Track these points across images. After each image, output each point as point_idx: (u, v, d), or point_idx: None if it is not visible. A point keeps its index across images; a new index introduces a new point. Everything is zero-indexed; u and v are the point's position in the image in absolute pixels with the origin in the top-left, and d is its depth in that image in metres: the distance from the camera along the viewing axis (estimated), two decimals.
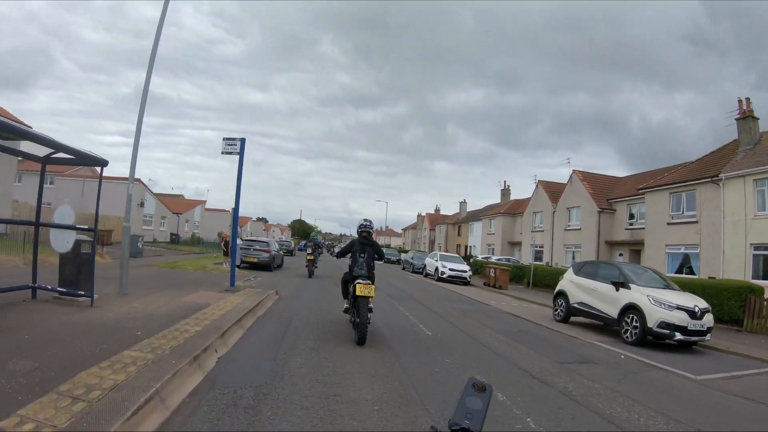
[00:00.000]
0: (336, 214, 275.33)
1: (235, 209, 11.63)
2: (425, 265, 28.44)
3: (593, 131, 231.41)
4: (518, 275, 27.27)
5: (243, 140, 10.84)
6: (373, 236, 7.52)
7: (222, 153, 10.78)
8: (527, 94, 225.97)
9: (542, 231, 35.40)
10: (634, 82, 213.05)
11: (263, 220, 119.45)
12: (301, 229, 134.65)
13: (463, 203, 58.49)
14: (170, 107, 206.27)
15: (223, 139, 10.91)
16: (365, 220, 7.35)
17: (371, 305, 6.64)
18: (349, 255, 7.07)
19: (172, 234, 36.45)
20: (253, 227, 76.00)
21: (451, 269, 25.01)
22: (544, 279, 23.62)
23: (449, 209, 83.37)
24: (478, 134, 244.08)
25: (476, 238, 50.76)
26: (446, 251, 57.23)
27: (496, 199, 55.95)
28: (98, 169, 7.06)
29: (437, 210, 71.27)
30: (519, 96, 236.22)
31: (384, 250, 10.57)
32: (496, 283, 23.16)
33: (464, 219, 56.25)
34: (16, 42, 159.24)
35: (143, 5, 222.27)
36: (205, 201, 54.59)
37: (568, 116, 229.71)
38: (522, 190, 47.76)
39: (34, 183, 8.51)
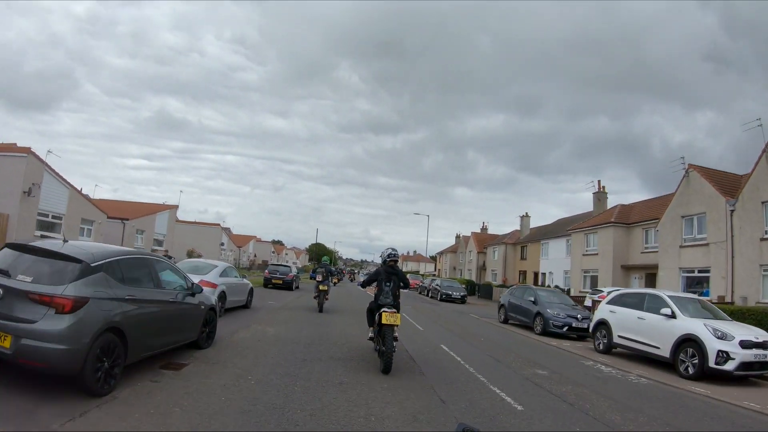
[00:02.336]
0: (357, 240, 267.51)
1: None
2: (540, 312, 14.01)
3: (614, 155, 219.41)
4: None
5: None
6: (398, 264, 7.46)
7: None
8: (547, 119, 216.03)
9: (704, 245, 20.82)
10: (654, 105, 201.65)
11: (278, 242, 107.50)
12: (319, 254, 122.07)
13: (525, 217, 44.17)
14: (192, 132, 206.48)
15: None
16: (391, 249, 7.25)
17: (396, 334, 6.60)
18: (375, 284, 7.09)
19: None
20: (259, 249, 63.40)
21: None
22: None
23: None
24: (499, 160, 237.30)
25: (552, 263, 36.20)
26: (505, 280, 42.74)
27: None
28: None
29: (484, 228, 56.97)
30: (539, 121, 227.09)
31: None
32: None
33: (530, 237, 41.81)
34: (41, 65, 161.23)
35: (166, 33, 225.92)
36: (177, 206, 35.77)
37: (588, 140, 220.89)
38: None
39: None
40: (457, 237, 68.32)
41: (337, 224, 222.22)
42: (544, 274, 37.51)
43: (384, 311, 6.44)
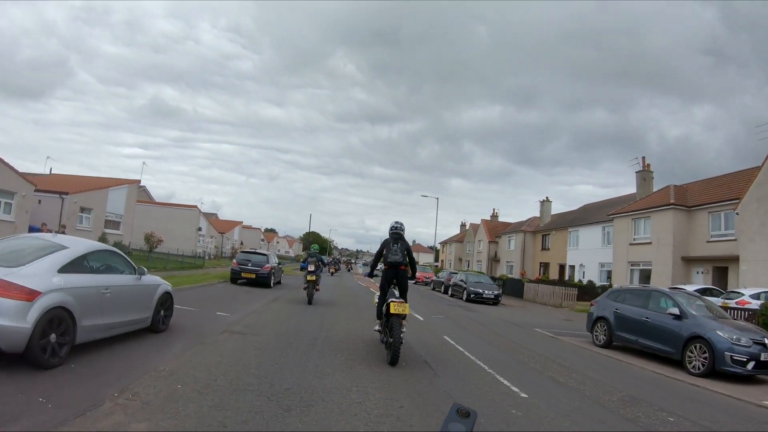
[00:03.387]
0: (353, 230, 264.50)
1: None
2: (699, 335, 8.18)
3: (611, 148, 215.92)
4: None
5: None
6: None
7: None
8: (544, 110, 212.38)
9: None
10: (652, 98, 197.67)
11: (271, 230, 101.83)
12: (314, 243, 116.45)
13: (545, 202, 38.88)
14: (188, 121, 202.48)
15: None
16: (397, 221, 6.95)
17: (404, 329, 6.17)
18: (381, 258, 6.82)
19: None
20: (246, 236, 57.78)
21: None
22: None
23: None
24: (495, 151, 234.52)
25: (584, 254, 31.00)
26: (523, 273, 37.57)
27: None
28: None
29: (495, 216, 51.67)
30: (535, 113, 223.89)
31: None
32: None
33: (552, 225, 36.56)
34: (35, 53, 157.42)
35: (161, 21, 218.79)
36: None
37: (585, 133, 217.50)
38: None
39: None
40: (463, 225, 63.16)
41: (333, 214, 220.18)
42: (572, 267, 32.34)
43: (392, 301, 6.13)
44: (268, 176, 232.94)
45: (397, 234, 6.78)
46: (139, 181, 26.34)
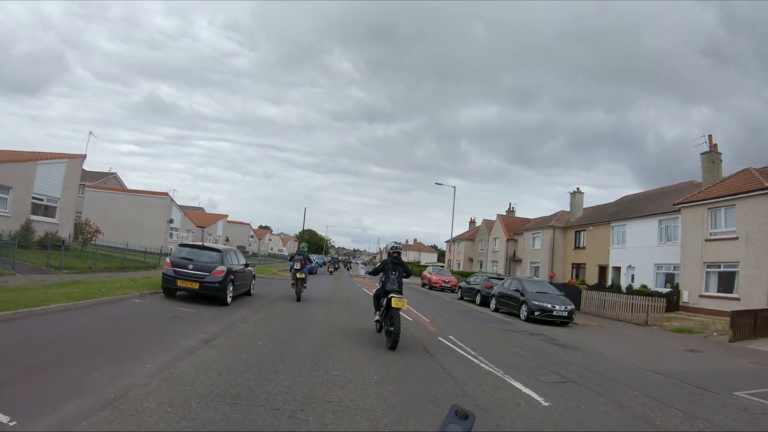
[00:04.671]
0: (350, 229, 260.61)
1: None
2: None
3: (608, 149, 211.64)
4: None
5: None
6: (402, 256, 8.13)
7: None
8: (541, 110, 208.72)
9: None
10: (649, 98, 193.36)
11: (265, 227, 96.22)
12: (311, 242, 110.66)
13: (576, 194, 33.45)
14: (185, 118, 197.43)
15: None
16: (395, 242, 8.13)
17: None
18: (382, 273, 7.69)
19: None
20: (231, 232, 52.06)
21: None
22: None
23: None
24: (492, 151, 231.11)
25: (632, 253, 25.58)
26: (552, 276, 32.12)
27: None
28: None
29: (511, 210, 46.21)
30: (533, 112, 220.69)
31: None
32: None
33: (588, 219, 31.11)
34: (31, 48, 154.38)
35: (158, 17, 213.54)
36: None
37: (582, 133, 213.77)
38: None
39: None
40: (472, 222, 57.71)
41: (330, 213, 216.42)
42: (616, 269, 26.91)
43: (392, 297, 7.05)
44: (265, 174, 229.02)
45: (396, 258, 7.72)
46: (84, 156, 20.73)
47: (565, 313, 12.38)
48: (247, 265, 12.05)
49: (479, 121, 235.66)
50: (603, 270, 28.11)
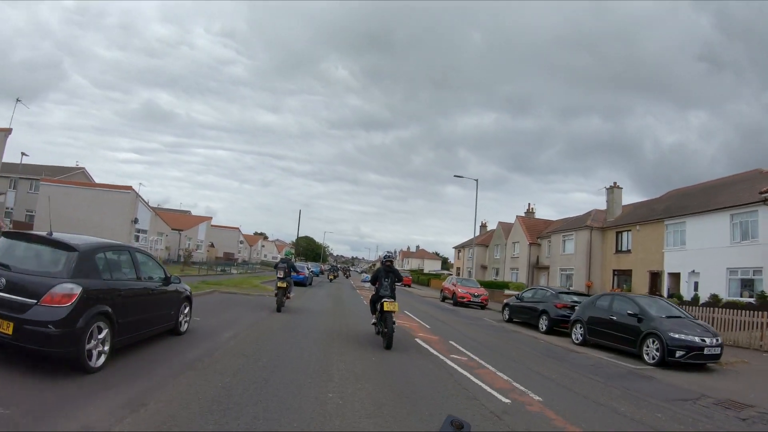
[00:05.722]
0: (348, 237, 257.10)
1: None
2: None
3: (606, 156, 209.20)
4: None
5: None
6: (394, 264, 9.10)
7: None
8: (539, 118, 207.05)
9: None
10: (647, 105, 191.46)
11: (260, 234, 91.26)
12: (308, 249, 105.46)
13: (614, 188, 28.75)
14: (183, 126, 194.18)
15: None
16: (388, 251, 9.07)
17: (395, 320, 8.06)
18: (376, 280, 8.56)
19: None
20: (217, 236, 47.03)
21: None
22: None
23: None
24: (490, 159, 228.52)
25: (697, 257, 20.80)
26: (590, 285, 27.20)
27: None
28: None
29: (530, 212, 41.47)
30: (530, 120, 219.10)
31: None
32: None
33: (630, 218, 26.35)
34: (28, 55, 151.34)
35: (156, 25, 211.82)
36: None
37: (580, 141, 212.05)
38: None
39: None
40: (483, 226, 52.94)
41: (328, 221, 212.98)
42: (673, 276, 22.11)
43: (385, 301, 7.98)
44: (263, 182, 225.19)
45: (388, 266, 8.55)
46: (10, 129, 16.10)
47: (718, 350, 7.61)
48: (167, 281, 6.88)
49: (477, 129, 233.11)
50: (656, 277, 23.31)
